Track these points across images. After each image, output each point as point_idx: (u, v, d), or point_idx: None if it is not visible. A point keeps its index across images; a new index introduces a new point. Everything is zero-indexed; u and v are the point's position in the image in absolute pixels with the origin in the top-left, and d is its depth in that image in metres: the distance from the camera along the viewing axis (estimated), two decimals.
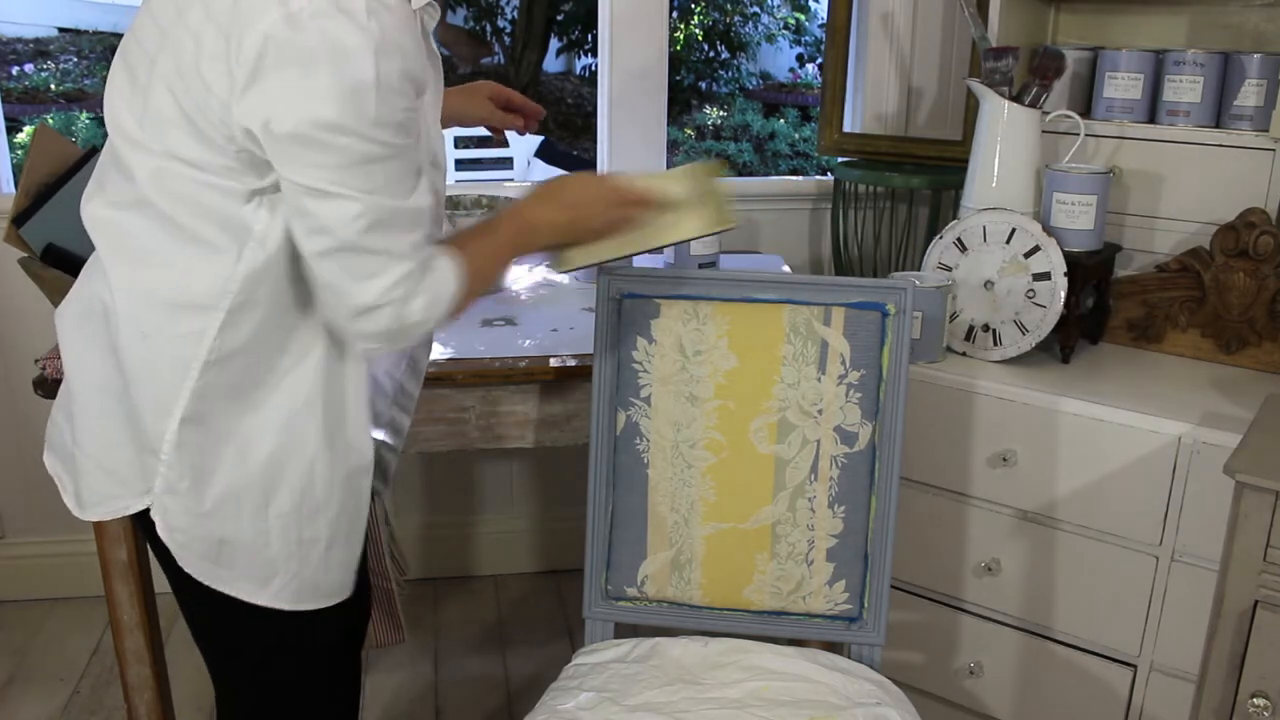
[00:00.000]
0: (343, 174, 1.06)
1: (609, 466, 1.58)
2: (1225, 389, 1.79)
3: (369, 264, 1.11)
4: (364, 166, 1.06)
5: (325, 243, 1.10)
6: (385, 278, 1.12)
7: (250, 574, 1.24)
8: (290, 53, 1.02)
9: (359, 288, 1.12)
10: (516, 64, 7.24)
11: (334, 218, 1.08)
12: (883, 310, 1.52)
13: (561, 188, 1.35)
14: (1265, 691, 1.37)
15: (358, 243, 1.09)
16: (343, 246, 1.10)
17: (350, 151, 1.05)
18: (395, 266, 1.12)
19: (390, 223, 1.10)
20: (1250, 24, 1.97)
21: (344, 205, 1.07)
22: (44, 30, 7.09)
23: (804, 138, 6.41)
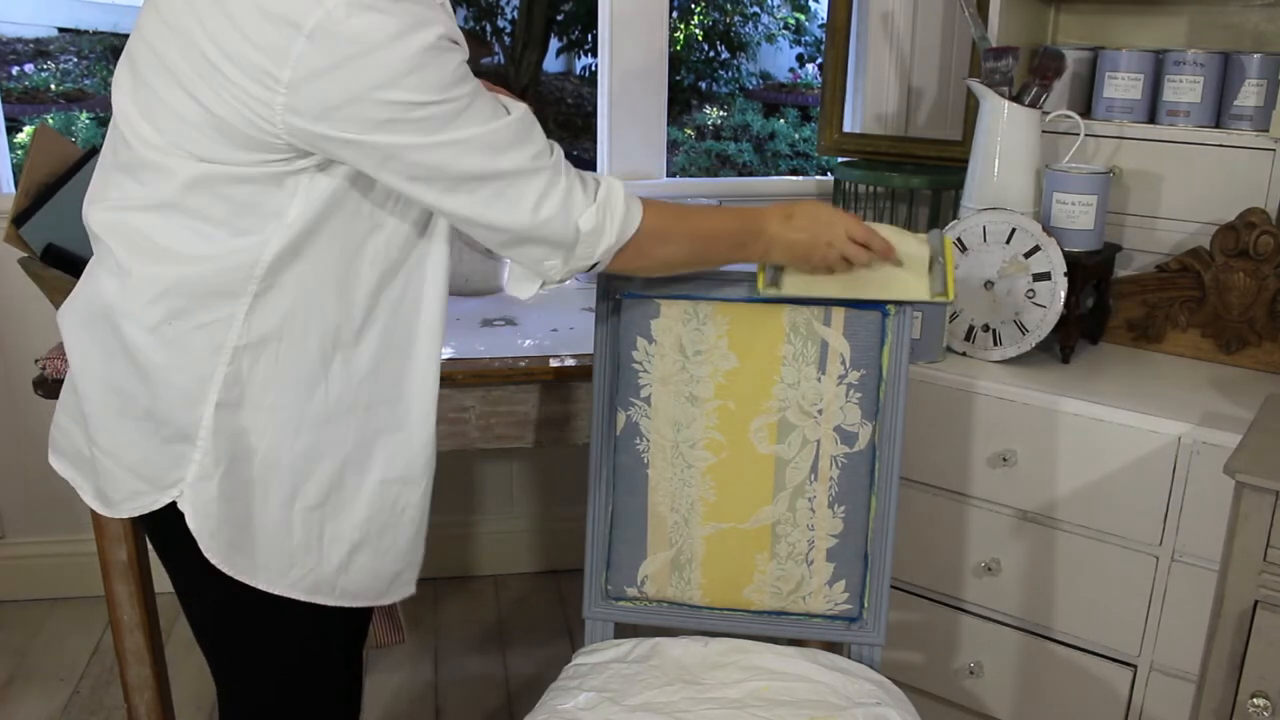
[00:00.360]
0: (432, 140, 1.09)
1: (609, 466, 1.58)
2: (1225, 389, 1.79)
3: (505, 195, 1.14)
4: (454, 120, 1.09)
5: (463, 195, 1.13)
6: (522, 196, 1.15)
7: (270, 563, 1.24)
8: (339, 53, 1.03)
9: (509, 213, 1.15)
10: (516, 64, 7.23)
11: (446, 159, 1.11)
12: (883, 310, 1.52)
13: (804, 209, 1.37)
14: (1265, 691, 1.37)
15: (488, 172, 1.13)
16: (469, 191, 1.13)
17: (429, 120, 1.08)
18: (527, 181, 1.15)
19: (500, 143, 1.13)
20: (1250, 24, 1.97)
21: (446, 149, 1.10)
22: (44, 30, 7.09)
23: (804, 138, 6.40)
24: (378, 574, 1.31)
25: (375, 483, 1.27)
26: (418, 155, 1.10)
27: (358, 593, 1.31)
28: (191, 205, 1.13)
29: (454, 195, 1.14)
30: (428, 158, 1.10)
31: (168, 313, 1.16)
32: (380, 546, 1.30)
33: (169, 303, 1.15)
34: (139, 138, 1.13)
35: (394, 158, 1.10)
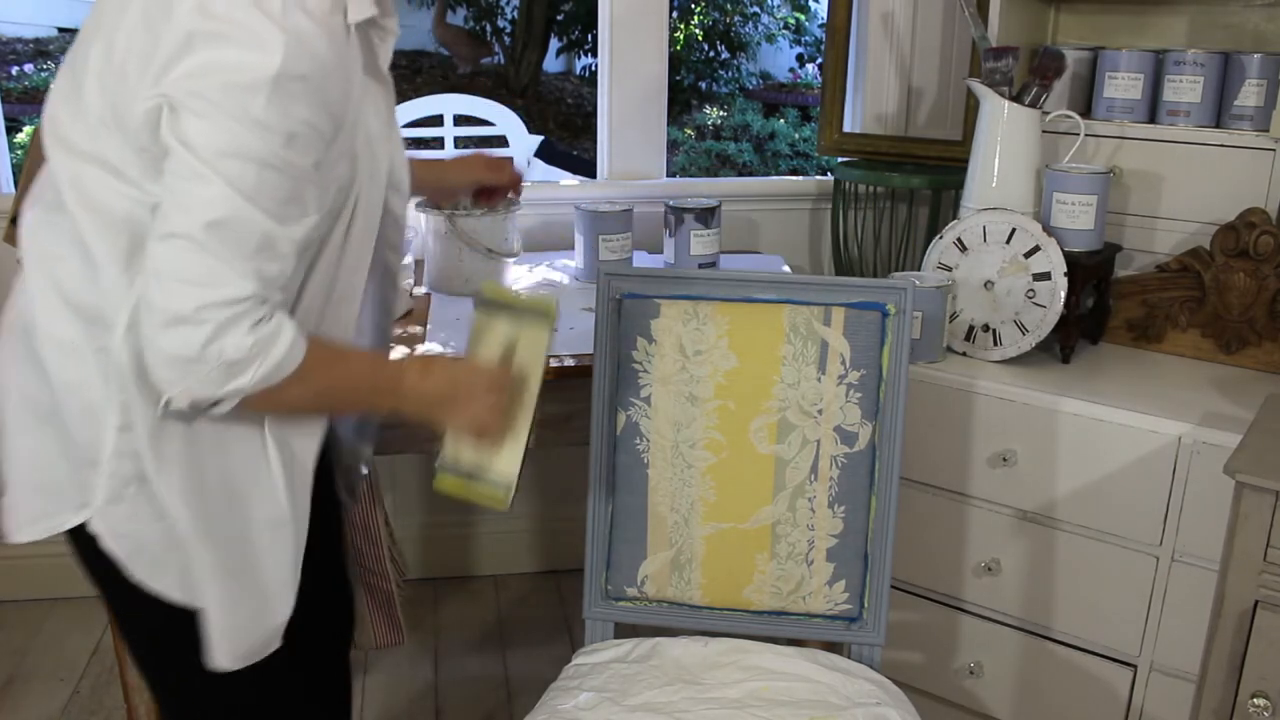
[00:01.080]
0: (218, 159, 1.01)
1: (609, 466, 1.58)
2: (1225, 389, 1.78)
3: (200, 266, 1.03)
4: (241, 161, 1.01)
5: (169, 225, 1.03)
6: (211, 291, 1.03)
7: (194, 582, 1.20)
8: (199, 37, 1.01)
9: (181, 288, 1.03)
10: (516, 64, 7.23)
11: (190, 197, 1.02)
12: (883, 310, 1.52)
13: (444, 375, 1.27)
14: (1265, 691, 1.37)
15: (199, 235, 1.02)
16: (184, 234, 1.03)
17: (231, 135, 1.01)
18: (228, 285, 1.04)
19: (241, 234, 1.03)
20: (1250, 24, 1.97)
21: (204, 187, 1.01)
22: (44, 30, 7.09)
23: (804, 138, 6.40)
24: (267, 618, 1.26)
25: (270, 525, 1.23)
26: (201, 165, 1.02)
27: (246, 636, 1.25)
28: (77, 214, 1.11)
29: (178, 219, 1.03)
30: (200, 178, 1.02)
31: (71, 332, 1.14)
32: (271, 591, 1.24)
33: (69, 322, 1.14)
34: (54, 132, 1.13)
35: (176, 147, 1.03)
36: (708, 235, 2.23)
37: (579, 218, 2.23)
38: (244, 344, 1.05)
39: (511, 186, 1.77)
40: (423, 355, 1.38)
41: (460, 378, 1.27)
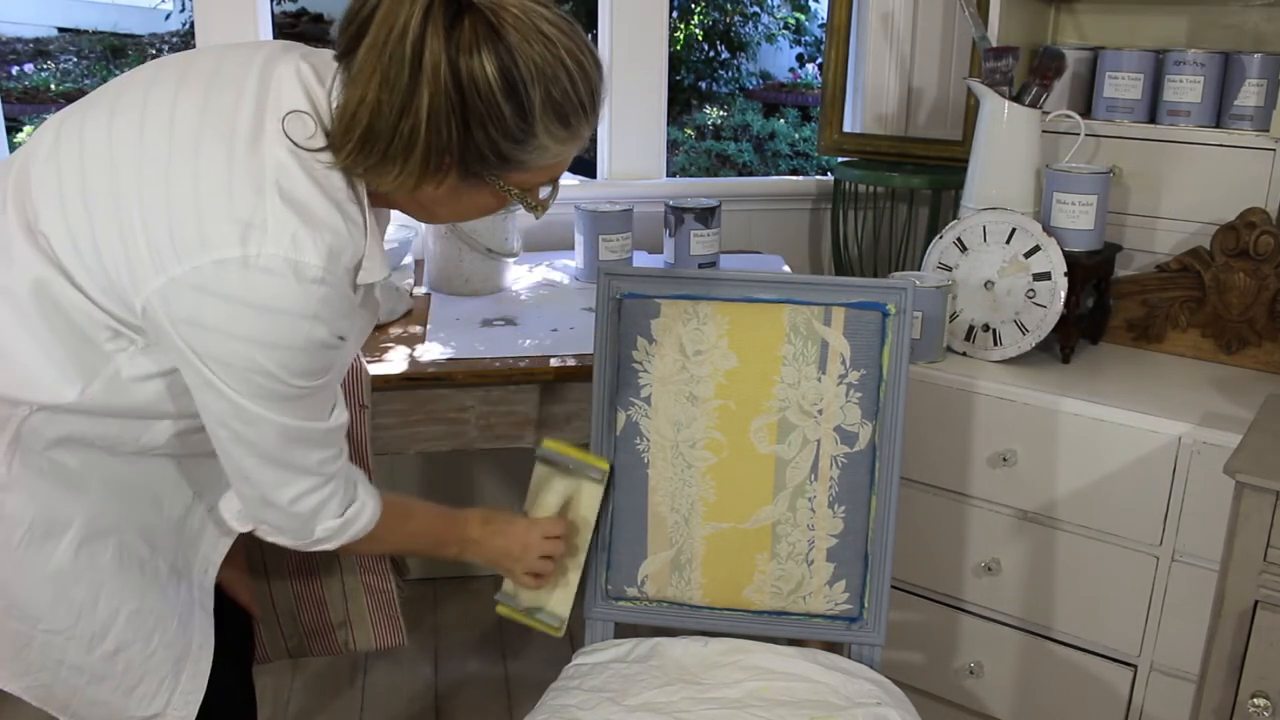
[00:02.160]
0: (255, 403, 1.07)
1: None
2: (1225, 389, 1.78)
3: (286, 473, 1.15)
4: (277, 401, 1.08)
5: (242, 455, 1.13)
6: (301, 485, 1.16)
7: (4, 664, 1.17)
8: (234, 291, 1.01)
9: (278, 492, 1.16)
10: None
11: (250, 435, 1.10)
12: (883, 310, 1.52)
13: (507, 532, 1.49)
14: (1265, 691, 1.37)
15: (276, 455, 1.13)
16: (262, 458, 1.13)
17: (264, 389, 1.07)
18: (304, 480, 1.16)
19: (305, 440, 1.13)
20: (1250, 24, 1.97)
21: (252, 427, 1.09)
22: (44, 30, 7.10)
23: (804, 138, 6.40)
24: (118, 711, 1.22)
25: (130, 613, 1.19)
26: (234, 407, 1.08)
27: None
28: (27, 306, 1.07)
29: (239, 447, 1.12)
30: (241, 415, 1.08)
31: None
32: (125, 682, 1.22)
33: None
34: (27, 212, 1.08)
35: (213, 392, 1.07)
36: (708, 235, 2.23)
37: (579, 218, 2.23)
38: (332, 525, 1.22)
39: None
40: (486, 512, 1.49)
41: (519, 535, 1.49)
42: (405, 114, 1.00)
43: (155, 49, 6.87)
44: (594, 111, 1.09)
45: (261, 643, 1.68)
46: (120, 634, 1.19)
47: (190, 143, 1.04)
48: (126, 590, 1.19)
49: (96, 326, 1.08)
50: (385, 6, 0.99)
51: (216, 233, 1.01)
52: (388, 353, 1.81)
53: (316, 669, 2.39)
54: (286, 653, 1.76)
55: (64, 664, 1.18)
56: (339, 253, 1.04)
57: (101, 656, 1.19)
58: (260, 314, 1.02)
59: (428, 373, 1.75)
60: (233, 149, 1.03)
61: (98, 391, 1.10)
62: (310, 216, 1.03)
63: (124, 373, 1.11)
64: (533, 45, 1.01)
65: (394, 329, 1.94)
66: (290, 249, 1.01)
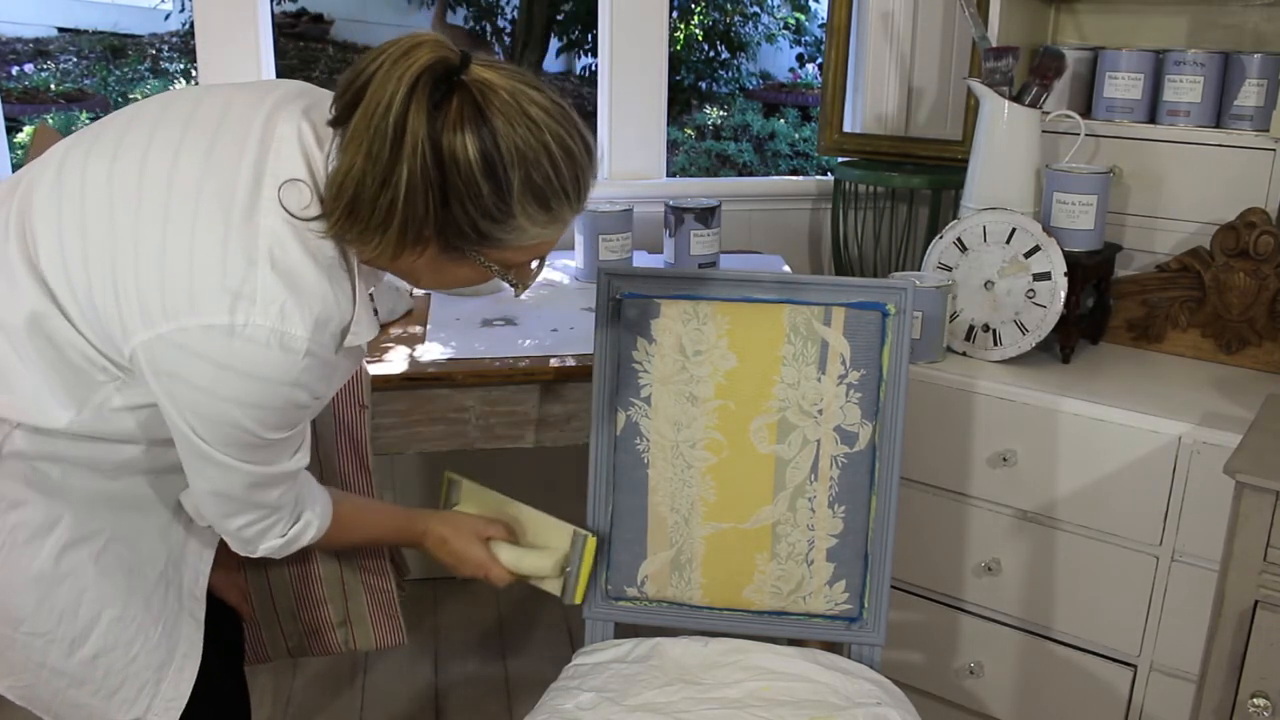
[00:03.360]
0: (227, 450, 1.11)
1: (609, 466, 1.58)
2: (1225, 389, 1.78)
3: (240, 507, 1.19)
4: (248, 449, 1.11)
5: (201, 485, 1.16)
6: (244, 518, 1.21)
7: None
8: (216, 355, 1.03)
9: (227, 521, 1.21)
10: (516, 64, 7.22)
11: (214, 474, 1.14)
12: (883, 310, 1.52)
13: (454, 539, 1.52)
14: (1265, 691, 1.37)
15: (230, 494, 1.17)
16: (215, 494, 1.17)
17: (236, 440, 1.10)
18: (256, 512, 1.21)
19: (263, 484, 1.17)
20: (1250, 24, 1.97)
21: (223, 470, 1.13)
22: (44, 30, 7.09)
23: (804, 138, 6.40)
24: (98, 714, 1.23)
25: (111, 619, 1.21)
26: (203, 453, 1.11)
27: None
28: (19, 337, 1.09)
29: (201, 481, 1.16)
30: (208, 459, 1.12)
31: None
32: (105, 686, 1.23)
33: None
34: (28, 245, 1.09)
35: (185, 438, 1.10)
36: (708, 235, 2.23)
37: (579, 217, 2.23)
38: (275, 544, 1.25)
39: None
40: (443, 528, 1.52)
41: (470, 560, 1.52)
42: (385, 186, 1.01)
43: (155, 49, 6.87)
44: (578, 197, 1.09)
45: (261, 642, 1.68)
46: (101, 639, 1.20)
47: (190, 202, 1.05)
48: (109, 596, 1.20)
49: (88, 362, 1.10)
50: (378, 79, 1.00)
51: (206, 298, 1.03)
52: (388, 353, 1.81)
53: (316, 668, 2.39)
54: (286, 652, 1.76)
55: (45, 666, 1.18)
56: (325, 321, 1.07)
57: (81, 661, 1.20)
58: (243, 379, 1.05)
59: (428, 373, 1.75)
60: (229, 215, 1.04)
61: (87, 419, 1.13)
62: (299, 287, 1.05)
63: (112, 402, 1.13)
64: (516, 128, 1.02)
65: (394, 329, 1.94)
66: (278, 320, 1.03)
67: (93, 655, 1.20)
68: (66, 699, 1.21)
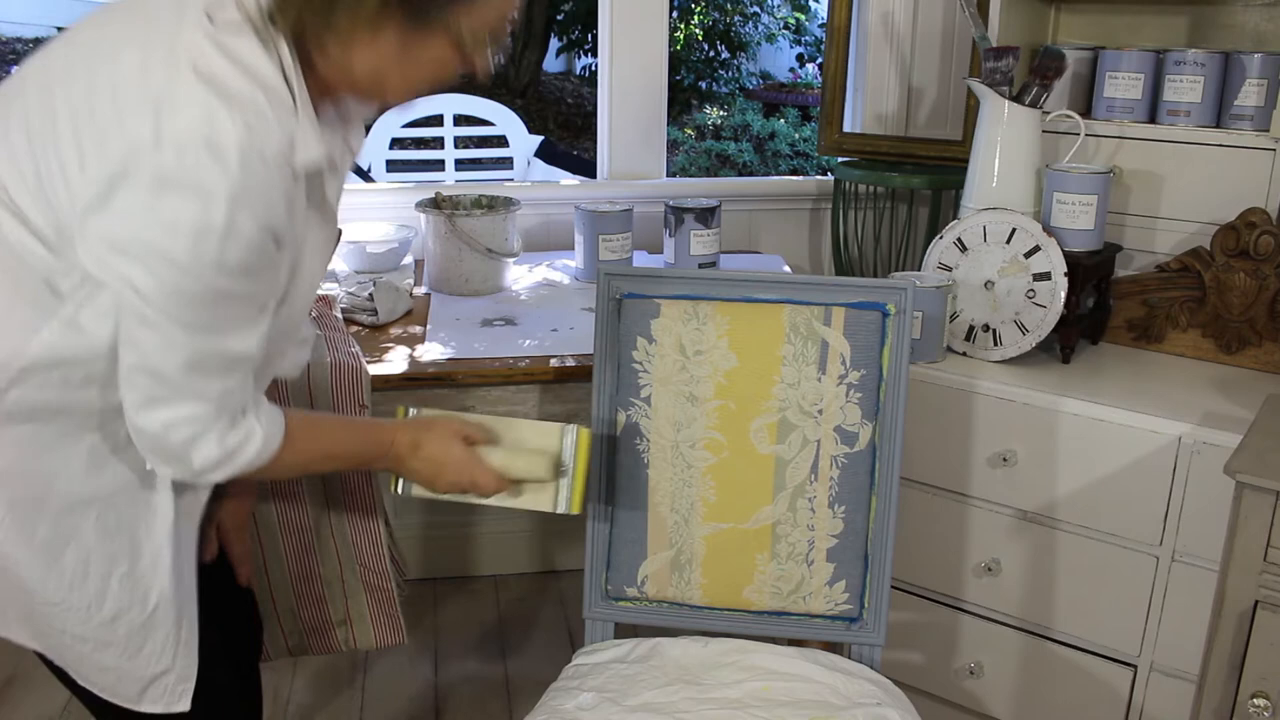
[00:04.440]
0: (168, 305, 1.02)
1: (609, 467, 1.58)
2: (1225, 389, 1.78)
3: (162, 392, 1.07)
4: (193, 305, 1.03)
5: (128, 357, 1.07)
6: (173, 410, 1.09)
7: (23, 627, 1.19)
8: (146, 175, 0.98)
9: (144, 413, 1.09)
10: (516, 64, 7.23)
11: (150, 343, 1.05)
12: (883, 310, 1.52)
13: (431, 446, 1.34)
14: (1265, 691, 1.37)
15: (163, 373, 1.06)
16: (141, 368, 1.07)
17: (181, 288, 1.02)
18: (188, 405, 1.09)
19: (204, 364, 1.07)
20: (1250, 24, 1.97)
21: (162, 335, 1.04)
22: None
23: (804, 138, 6.41)
24: (127, 675, 1.22)
25: (121, 577, 1.19)
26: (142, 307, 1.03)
27: (104, 687, 1.23)
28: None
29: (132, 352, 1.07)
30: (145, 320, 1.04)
31: None
32: (130, 646, 1.21)
33: None
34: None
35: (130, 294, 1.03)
36: (708, 235, 2.23)
37: (579, 218, 2.24)
38: (211, 455, 1.12)
39: None
40: (414, 431, 1.35)
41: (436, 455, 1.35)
42: None
43: None
44: None
45: (262, 641, 1.69)
46: (116, 600, 1.19)
47: (113, 45, 1.03)
48: (115, 556, 1.18)
49: (52, 268, 1.06)
50: None
51: (130, 114, 0.98)
52: (388, 353, 1.81)
53: (316, 668, 2.39)
54: (287, 651, 1.76)
55: (66, 633, 1.19)
56: (260, 131, 1.00)
57: (100, 624, 1.19)
58: (179, 196, 0.98)
59: (428, 373, 1.75)
60: (150, 38, 1.01)
61: (55, 336, 1.08)
62: (227, 94, 0.99)
63: (81, 316, 1.08)
64: None
65: (394, 329, 1.94)
66: (204, 124, 0.98)
67: (110, 618, 1.19)
68: (93, 663, 1.21)
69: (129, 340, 1.06)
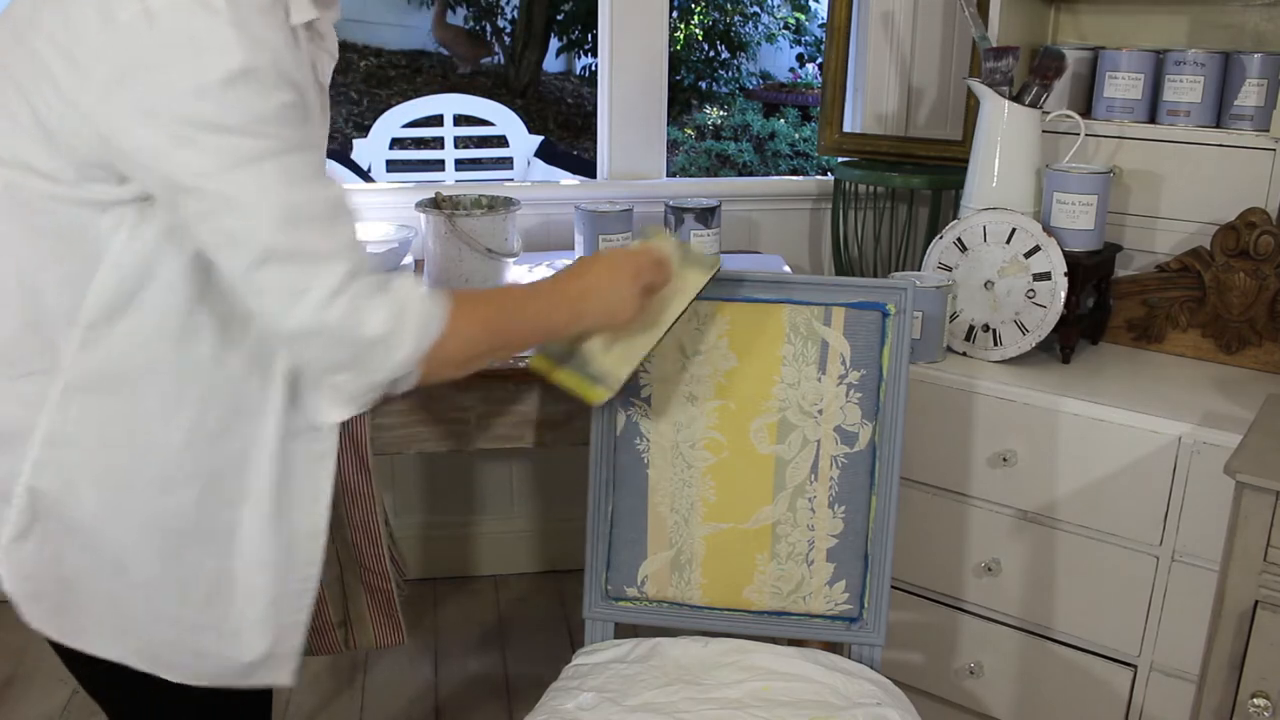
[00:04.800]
0: (232, 175, 0.97)
1: (609, 466, 1.58)
2: (1225, 389, 1.78)
3: (290, 271, 1.00)
4: (254, 164, 0.98)
5: (241, 257, 1.00)
6: (314, 283, 1.01)
7: (103, 628, 1.15)
8: (151, 52, 0.95)
9: (290, 309, 1.01)
10: (516, 64, 7.24)
11: (234, 229, 0.99)
12: (883, 310, 1.52)
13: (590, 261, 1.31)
14: (1265, 691, 1.37)
15: (274, 244, 0.99)
16: (262, 255, 0.99)
17: (235, 150, 0.97)
18: (324, 271, 1.01)
19: (306, 214, 1.00)
20: (1250, 24, 1.97)
21: (239, 214, 0.98)
22: None
23: (804, 138, 6.41)
24: (227, 660, 1.19)
25: (217, 557, 1.16)
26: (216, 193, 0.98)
27: (201, 673, 1.18)
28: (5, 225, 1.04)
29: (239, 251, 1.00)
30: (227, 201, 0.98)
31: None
32: (225, 629, 1.18)
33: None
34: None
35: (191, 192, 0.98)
36: (708, 235, 2.23)
37: (579, 218, 2.24)
38: (380, 317, 1.03)
39: None
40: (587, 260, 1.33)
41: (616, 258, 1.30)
42: None
43: None
44: None
45: None
46: (211, 581, 1.15)
47: None
48: (214, 538, 1.15)
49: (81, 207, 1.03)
50: None
51: (118, 9, 0.95)
52: None
53: (316, 669, 2.39)
54: None
55: (160, 618, 1.15)
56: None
57: (195, 606, 1.15)
58: (188, 60, 0.95)
59: None
60: None
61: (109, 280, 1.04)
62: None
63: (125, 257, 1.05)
64: None
65: None
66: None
67: (205, 599, 1.15)
68: (188, 648, 1.17)
69: (223, 245, 1.00)
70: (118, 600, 1.15)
